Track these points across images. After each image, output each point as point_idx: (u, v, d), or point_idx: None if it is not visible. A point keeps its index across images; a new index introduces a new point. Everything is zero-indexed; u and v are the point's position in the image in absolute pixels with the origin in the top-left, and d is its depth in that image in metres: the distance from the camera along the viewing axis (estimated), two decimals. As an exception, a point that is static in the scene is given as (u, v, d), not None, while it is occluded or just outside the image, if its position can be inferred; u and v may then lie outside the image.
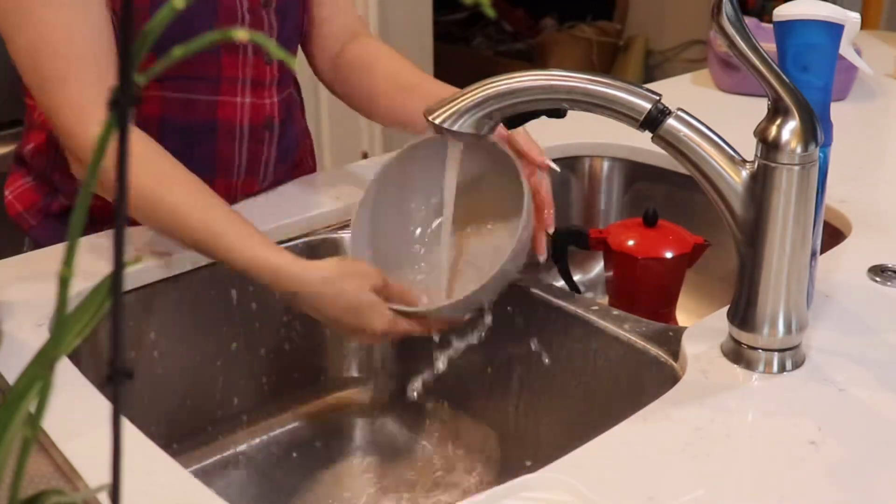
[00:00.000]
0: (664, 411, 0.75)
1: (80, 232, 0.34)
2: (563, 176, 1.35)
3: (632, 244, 1.11)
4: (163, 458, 0.71)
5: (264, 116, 1.08)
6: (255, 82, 1.07)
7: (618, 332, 0.91)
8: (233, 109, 1.06)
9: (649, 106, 0.76)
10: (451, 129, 0.80)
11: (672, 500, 0.66)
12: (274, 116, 1.10)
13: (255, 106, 1.07)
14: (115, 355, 0.33)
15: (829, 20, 0.81)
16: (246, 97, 1.06)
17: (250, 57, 1.06)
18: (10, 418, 0.36)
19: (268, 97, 1.09)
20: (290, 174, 1.19)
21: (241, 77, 1.05)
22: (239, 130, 1.07)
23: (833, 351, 0.83)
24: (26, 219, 1.12)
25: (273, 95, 1.09)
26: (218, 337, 1.04)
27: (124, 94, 0.29)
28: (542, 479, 0.67)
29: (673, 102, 0.78)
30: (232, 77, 1.05)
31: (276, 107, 1.10)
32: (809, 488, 0.67)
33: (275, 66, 1.09)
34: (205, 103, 1.04)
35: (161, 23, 0.31)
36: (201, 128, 1.05)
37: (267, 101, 1.08)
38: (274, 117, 1.10)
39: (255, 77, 1.07)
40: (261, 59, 1.07)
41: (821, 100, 0.82)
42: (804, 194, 0.75)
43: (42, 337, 0.84)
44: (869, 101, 1.52)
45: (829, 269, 0.96)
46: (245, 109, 1.07)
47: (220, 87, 1.04)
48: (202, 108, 1.04)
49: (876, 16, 2.63)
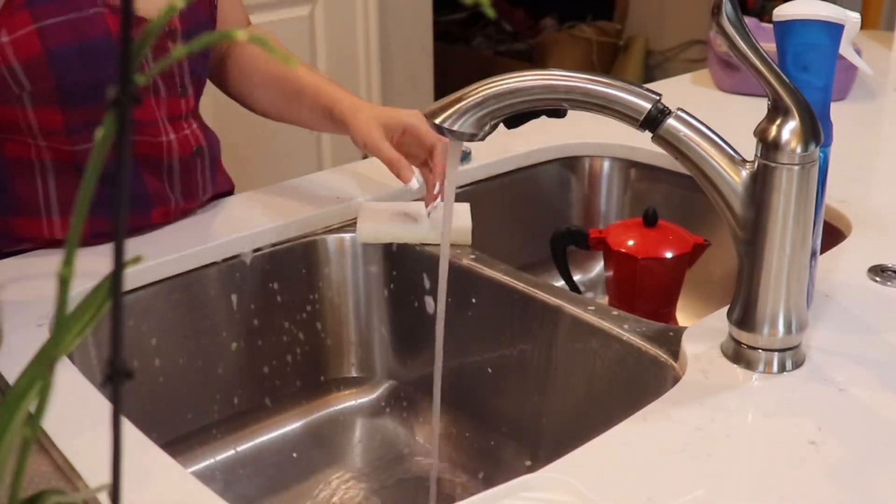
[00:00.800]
0: (664, 411, 0.75)
1: (79, 232, 0.34)
2: (563, 176, 1.35)
3: (632, 244, 1.11)
4: (163, 458, 0.71)
5: (191, 147, 1.06)
6: (172, 118, 1.04)
7: (618, 332, 0.91)
8: (158, 148, 1.03)
9: (649, 106, 0.76)
10: (452, 129, 0.80)
11: (672, 500, 0.66)
12: (202, 143, 1.08)
13: (180, 140, 1.05)
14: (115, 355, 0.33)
15: (829, 20, 0.81)
16: (170, 135, 1.04)
17: (163, 97, 1.02)
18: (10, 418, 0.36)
19: (188, 127, 1.06)
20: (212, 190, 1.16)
21: (159, 117, 1.02)
22: (167, 166, 1.04)
23: (833, 351, 0.83)
24: None
25: (192, 124, 1.07)
26: (218, 337, 1.04)
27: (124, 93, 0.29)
28: (542, 479, 0.67)
29: (673, 102, 0.78)
30: (149, 121, 1.02)
31: (199, 133, 1.08)
32: (809, 488, 0.67)
33: (190, 97, 1.06)
34: None
35: (161, 23, 0.31)
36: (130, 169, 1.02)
37: (188, 131, 1.06)
38: (202, 144, 1.08)
39: (171, 114, 1.04)
40: (173, 95, 1.04)
41: (821, 100, 0.82)
42: (804, 194, 0.75)
43: (42, 337, 0.84)
44: (869, 101, 1.52)
45: (829, 269, 0.96)
46: (172, 146, 1.04)
47: (142, 129, 1.01)
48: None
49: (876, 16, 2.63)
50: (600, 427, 0.74)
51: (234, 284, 1.04)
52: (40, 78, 0.93)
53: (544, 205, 1.34)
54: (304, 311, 1.11)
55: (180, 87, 1.05)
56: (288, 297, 1.08)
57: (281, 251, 1.08)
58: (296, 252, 1.09)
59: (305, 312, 1.11)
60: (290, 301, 1.09)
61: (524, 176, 1.30)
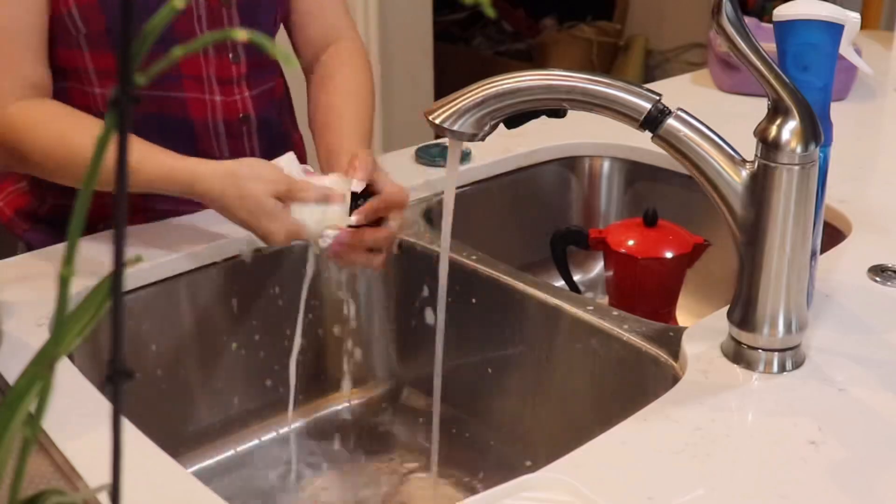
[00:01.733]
0: (664, 411, 0.75)
1: (79, 232, 0.34)
2: (563, 176, 1.35)
3: (632, 244, 1.11)
4: (163, 458, 0.71)
5: (237, 112, 1.09)
6: (221, 80, 1.07)
7: (618, 332, 0.91)
8: (203, 106, 1.07)
9: (649, 106, 0.76)
10: (452, 129, 0.79)
11: (672, 500, 0.66)
12: (249, 112, 1.10)
13: (226, 104, 1.08)
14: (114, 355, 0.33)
15: (829, 20, 0.81)
16: (215, 95, 1.07)
17: (212, 56, 1.06)
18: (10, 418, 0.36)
19: (238, 93, 1.09)
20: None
21: (206, 75, 1.06)
22: (213, 127, 1.08)
23: (833, 351, 0.83)
24: (18, 223, 1.12)
25: (244, 91, 1.10)
26: (218, 337, 1.04)
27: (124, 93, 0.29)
28: (542, 479, 0.67)
29: (673, 102, 0.78)
30: (194, 76, 1.05)
31: (248, 102, 1.10)
32: (809, 488, 0.67)
33: (242, 63, 1.09)
34: (175, 100, 1.05)
35: (161, 23, 0.31)
36: (177, 125, 1.06)
37: (237, 97, 1.09)
38: (249, 113, 1.10)
39: (219, 75, 1.07)
40: (224, 58, 1.07)
41: (821, 100, 0.82)
42: (804, 194, 0.75)
43: (42, 337, 0.84)
44: (869, 101, 1.52)
45: (829, 269, 0.96)
46: (216, 107, 1.08)
47: (183, 84, 1.05)
48: (173, 105, 1.05)
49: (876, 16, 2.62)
50: (600, 427, 0.74)
51: (234, 284, 1.04)
52: (93, 20, 0.99)
53: (544, 205, 1.34)
54: (304, 311, 1.11)
55: (231, 53, 1.07)
56: (288, 297, 1.08)
57: (281, 251, 1.08)
58: (296, 252, 1.09)
59: (305, 312, 1.11)
60: (289, 301, 1.09)
61: (524, 176, 1.30)
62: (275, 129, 1.16)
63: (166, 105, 1.05)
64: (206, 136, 1.08)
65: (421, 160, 1.26)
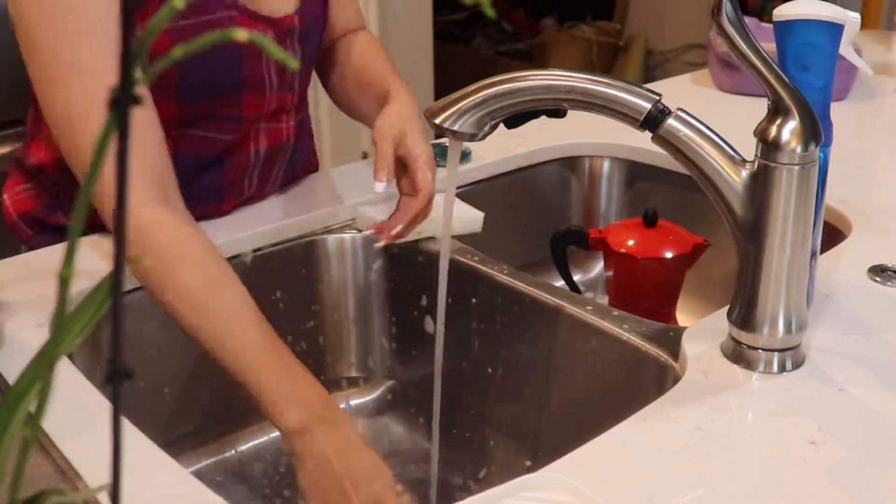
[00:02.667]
0: (664, 411, 0.75)
1: (80, 232, 0.34)
2: (563, 176, 1.35)
3: (632, 244, 1.11)
4: (163, 458, 0.71)
5: (281, 142, 1.08)
6: (275, 111, 1.06)
7: (618, 332, 0.91)
8: (247, 138, 1.05)
9: (649, 106, 0.76)
10: (452, 129, 0.80)
11: (672, 500, 0.66)
12: (291, 139, 1.10)
13: (273, 131, 1.07)
14: (114, 355, 0.33)
15: (829, 20, 0.81)
16: (262, 123, 1.05)
17: (275, 92, 1.04)
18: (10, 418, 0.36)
19: (285, 122, 1.08)
20: (294, 178, 1.19)
21: (266, 111, 1.04)
22: (254, 155, 1.06)
23: (833, 351, 0.83)
24: (23, 228, 1.11)
25: (291, 120, 1.09)
26: (218, 337, 1.04)
27: (124, 93, 0.29)
28: (542, 479, 0.67)
29: (673, 102, 0.78)
30: (254, 118, 1.04)
31: (292, 130, 1.09)
32: (809, 488, 0.67)
33: (296, 93, 1.08)
34: (223, 141, 1.03)
35: (161, 23, 0.31)
36: (214, 160, 1.04)
37: (284, 125, 1.08)
38: (290, 140, 1.10)
39: (277, 107, 1.06)
40: (284, 91, 1.06)
41: (821, 100, 0.82)
42: (804, 194, 0.75)
43: (42, 337, 0.84)
44: (869, 101, 1.52)
45: (829, 269, 0.96)
46: (261, 135, 1.06)
47: (241, 126, 1.03)
48: (219, 145, 1.03)
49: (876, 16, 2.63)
50: (600, 427, 0.74)
51: (234, 284, 1.04)
52: (165, 73, 0.95)
53: (544, 205, 1.34)
54: (304, 312, 1.11)
55: (289, 83, 1.06)
56: (288, 297, 1.08)
57: (281, 251, 1.08)
58: (296, 252, 1.09)
59: (305, 312, 1.11)
60: (289, 301, 1.09)
61: (524, 176, 1.30)
62: (302, 154, 1.16)
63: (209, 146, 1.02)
64: (244, 165, 1.06)
65: (421, 160, 1.25)
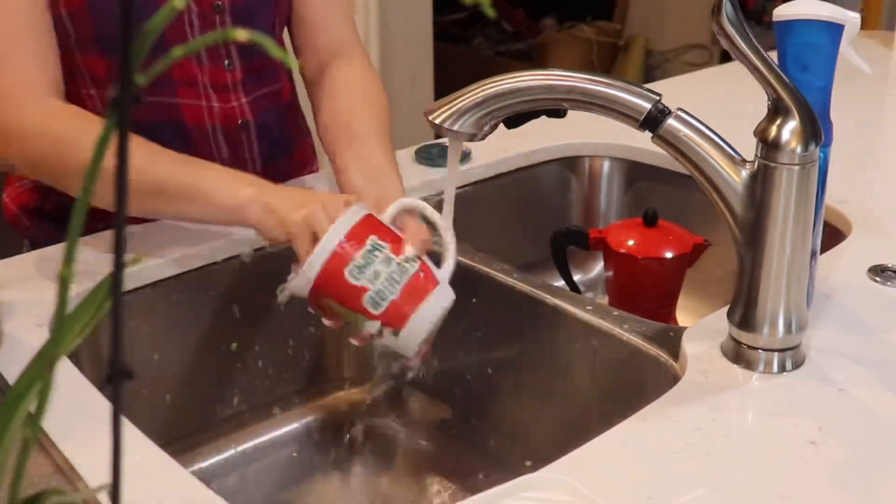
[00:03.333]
0: (664, 411, 0.75)
1: (79, 232, 0.34)
2: (563, 176, 1.35)
3: (632, 244, 1.11)
4: (163, 458, 0.71)
5: (236, 119, 1.09)
6: (216, 87, 1.07)
7: (618, 332, 0.91)
8: (199, 112, 1.06)
9: (649, 106, 0.76)
10: (452, 129, 0.80)
11: (672, 500, 0.66)
12: (248, 118, 1.10)
13: (224, 110, 1.08)
14: (115, 355, 0.33)
15: (829, 20, 0.81)
16: (212, 101, 1.07)
17: (206, 64, 1.05)
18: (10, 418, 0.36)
19: (234, 100, 1.08)
20: (291, 173, 1.19)
21: (201, 81, 1.05)
22: (211, 132, 1.07)
23: (833, 351, 0.83)
24: (22, 220, 1.12)
25: (241, 97, 1.09)
26: (218, 337, 1.04)
27: (124, 93, 0.29)
28: (542, 479, 0.67)
29: (673, 102, 0.78)
30: (188, 80, 1.04)
31: (246, 108, 1.09)
32: (809, 488, 0.67)
33: (237, 70, 1.08)
34: (167, 105, 1.04)
35: (161, 22, 0.31)
36: (169, 129, 1.04)
37: (234, 103, 1.08)
38: (248, 119, 1.10)
39: (214, 82, 1.06)
40: (219, 65, 1.06)
41: (821, 100, 0.82)
42: (804, 194, 0.75)
43: (42, 337, 0.84)
44: (869, 100, 1.52)
45: (829, 269, 0.96)
46: (214, 113, 1.07)
47: (177, 89, 1.04)
48: (165, 110, 1.04)
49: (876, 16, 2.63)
50: (600, 427, 0.74)
51: (234, 284, 1.04)
52: (83, 25, 0.98)
53: (544, 205, 1.34)
54: (304, 311, 1.10)
55: (226, 60, 1.07)
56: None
57: (281, 251, 1.07)
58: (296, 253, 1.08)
59: (305, 312, 1.11)
60: (289, 301, 1.09)
61: (524, 176, 1.30)
62: (276, 135, 1.16)
63: (160, 110, 1.04)
64: (204, 141, 1.07)
65: (421, 160, 1.26)
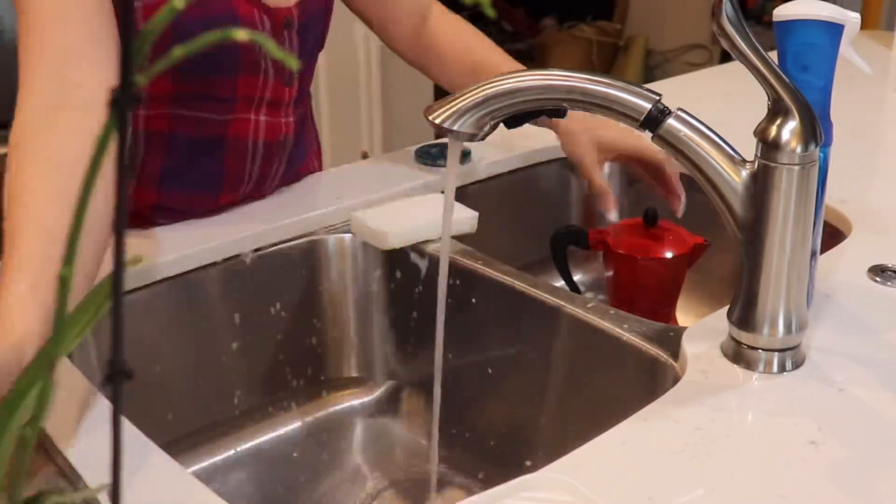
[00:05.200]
0: (664, 411, 0.75)
1: (80, 232, 0.34)
2: (563, 176, 1.35)
3: (632, 244, 1.11)
4: (163, 458, 0.71)
5: (280, 135, 1.08)
6: (272, 102, 1.06)
7: (618, 332, 0.91)
8: (245, 126, 1.05)
9: (649, 106, 0.76)
10: (452, 129, 0.79)
11: (672, 500, 0.66)
12: (290, 134, 1.10)
13: (271, 125, 1.07)
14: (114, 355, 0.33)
15: (829, 20, 0.81)
16: (261, 115, 1.05)
17: (270, 80, 1.04)
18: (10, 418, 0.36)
19: (283, 116, 1.08)
20: (295, 178, 1.19)
21: (259, 97, 1.04)
22: (252, 147, 1.06)
23: (833, 351, 0.83)
24: None
25: (290, 115, 1.09)
26: (218, 337, 1.04)
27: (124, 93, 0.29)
28: (542, 479, 0.67)
29: (673, 102, 0.78)
30: (248, 97, 1.03)
31: (291, 126, 1.10)
32: (809, 488, 0.67)
33: (294, 87, 1.08)
34: (216, 122, 1.03)
35: (161, 23, 0.31)
36: (210, 145, 1.04)
37: (283, 119, 1.08)
38: (289, 135, 1.10)
39: (272, 98, 1.06)
40: (280, 82, 1.06)
41: (821, 100, 0.82)
42: (804, 194, 0.75)
43: (42, 337, 0.84)
44: (869, 101, 1.52)
45: (829, 269, 0.96)
46: (260, 127, 1.06)
47: (235, 106, 1.03)
48: (213, 126, 1.03)
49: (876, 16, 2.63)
50: (600, 427, 0.74)
51: (235, 284, 1.04)
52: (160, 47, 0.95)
53: (544, 205, 1.34)
54: (304, 311, 1.11)
55: (287, 75, 1.06)
56: (288, 297, 1.08)
57: (281, 251, 1.08)
58: (296, 252, 1.09)
59: (305, 312, 1.11)
60: (290, 301, 1.09)
61: (524, 176, 1.30)
62: (303, 154, 1.17)
63: (203, 126, 1.03)
64: (242, 155, 1.06)
65: (421, 160, 1.26)
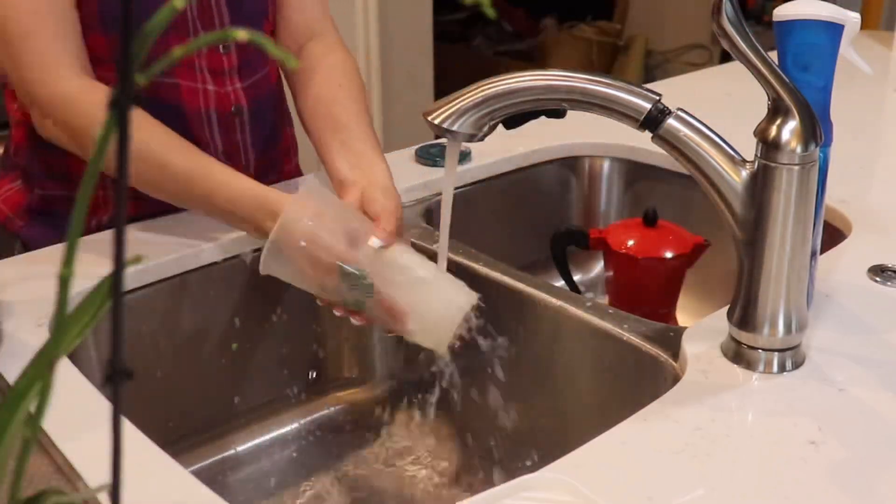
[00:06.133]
0: (664, 411, 0.75)
1: (79, 232, 0.34)
2: (563, 176, 1.35)
3: (632, 244, 1.11)
4: (163, 458, 0.71)
5: (230, 104, 1.09)
6: (213, 71, 1.08)
7: (618, 332, 0.91)
8: (195, 95, 1.07)
9: (649, 106, 0.76)
10: (451, 129, 0.79)
11: (672, 500, 0.66)
12: (241, 104, 1.11)
13: (219, 94, 1.08)
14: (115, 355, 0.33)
15: (829, 20, 0.81)
16: (208, 84, 1.08)
17: (203, 48, 1.06)
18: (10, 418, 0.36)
19: (230, 84, 1.09)
20: (279, 160, 1.19)
21: (198, 64, 1.06)
22: (206, 116, 1.08)
23: (833, 351, 0.83)
24: (14, 221, 1.12)
25: (235, 83, 1.10)
26: (218, 337, 1.04)
27: (124, 93, 0.29)
28: (542, 479, 0.67)
29: (673, 102, 0.78)
30: (186, 64, 1.05)
31: (241, 93, 1.10)
32: (809, 488, 0.67)
33: (233, 55, 1.09)
34: (167, 86, 1.05)
35: (161, 22, 0.31)
36: (169, 111, 1.04)
37: (230, 87, 1.09)
38: (242, 104, 1.11)
39: (211, 66, 1.08)
40: (214, 49, 1.08)
41: (821, 100, 0.82)
42: (804, 194, 0.75)
43: (42, 337, 0.84)
44: (869, 101, 1.52)
45: (829, 269, 0.96)
46: (209, 97, 1.08)
47: (175, 71, 1.05)
48: (165, 91, 1.05)
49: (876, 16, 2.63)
50: (600, 427, 0.74)
51: (235, 284, 1.04)
52: (87, 2, 0.98)
53: (544, 205, 1.34)
54: (304, 311, 1.11)
55: (221, 45, 1.08)
56: (288, 296, 1.08)
57: (281, 251, 1.07)
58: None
59: (305, 312, 1.11)
60: (290, 301, 1.09)
61: (524, 176, 1.30)
62: (268, 123, 1.16)
63: (161, 90, 1.05)
64: (199, 124, 1.08)
65: (421, 160, 1.26)
